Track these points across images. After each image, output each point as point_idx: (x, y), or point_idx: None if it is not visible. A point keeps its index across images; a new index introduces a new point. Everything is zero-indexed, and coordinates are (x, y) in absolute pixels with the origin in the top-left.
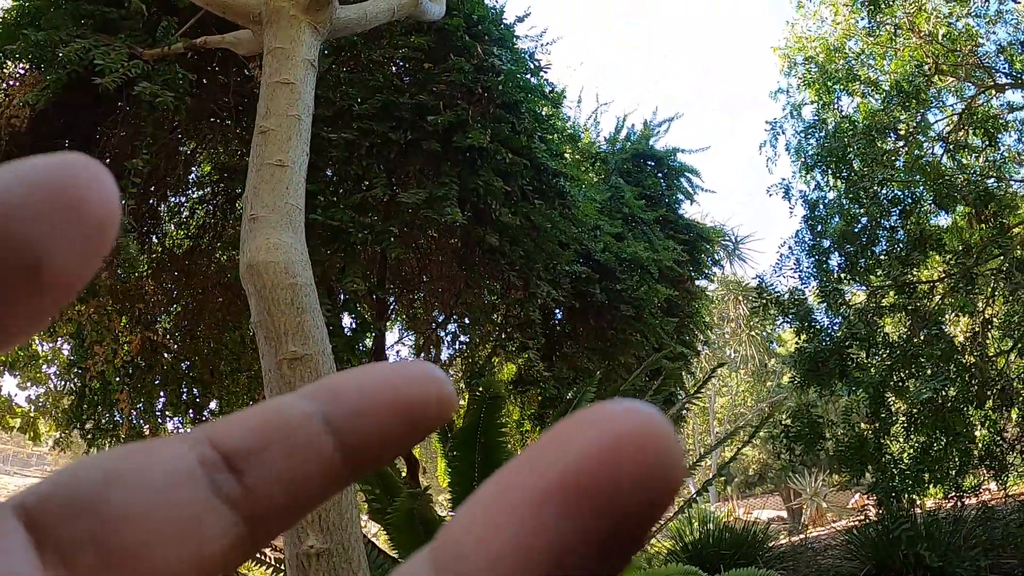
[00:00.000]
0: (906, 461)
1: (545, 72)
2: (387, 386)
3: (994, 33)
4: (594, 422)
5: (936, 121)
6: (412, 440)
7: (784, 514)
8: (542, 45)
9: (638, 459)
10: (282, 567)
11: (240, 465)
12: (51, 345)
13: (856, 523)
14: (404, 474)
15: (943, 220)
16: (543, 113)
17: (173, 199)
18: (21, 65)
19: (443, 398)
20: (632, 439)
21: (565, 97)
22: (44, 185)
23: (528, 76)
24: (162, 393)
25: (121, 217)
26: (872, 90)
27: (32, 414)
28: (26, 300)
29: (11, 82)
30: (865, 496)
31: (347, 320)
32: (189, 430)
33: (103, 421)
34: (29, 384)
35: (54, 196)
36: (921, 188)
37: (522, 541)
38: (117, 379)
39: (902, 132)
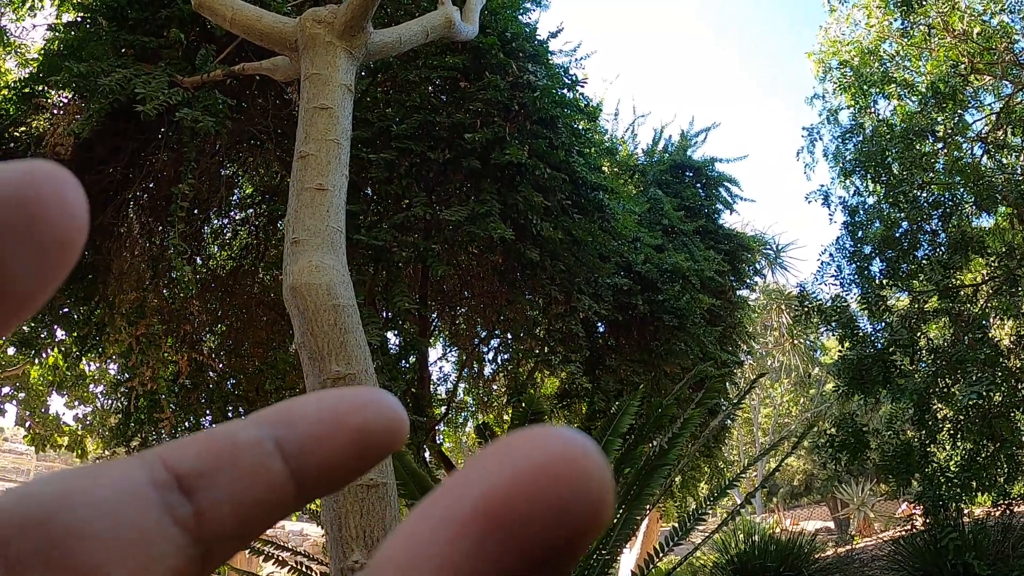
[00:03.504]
0: (953, 469)
1: (581, 86)
2: (338, 412)
3: None
4: (516, 449)
5: (974, 121)
6: (363, 466)
7: (831, 524)
8: (576, 60)
9: (555, 489)
10: None
11: (192, 487)
12: (98, 365)
13: (903, 533)
14: None
15: (985, 222)
16: (580, 127)
17: (216, 221)
18: (64, 95)
19: (394, 425)
20: (551, 468)
21: (601, 110)
22: (3, 198)
23: (564, 91)
24: (208, 412)
25: (173, 241)
26: (908, 92)
27: (80, 432)
28: None
29: (55, 111)
30: (912, 505)
31: (391, 338)
32: (143, 451)
33: (149, 439)
34: (77, 403)
35: (14, 210)
36: (961, 190)
37: (441, 573)
38: (163, 398)
39: (940, 134)
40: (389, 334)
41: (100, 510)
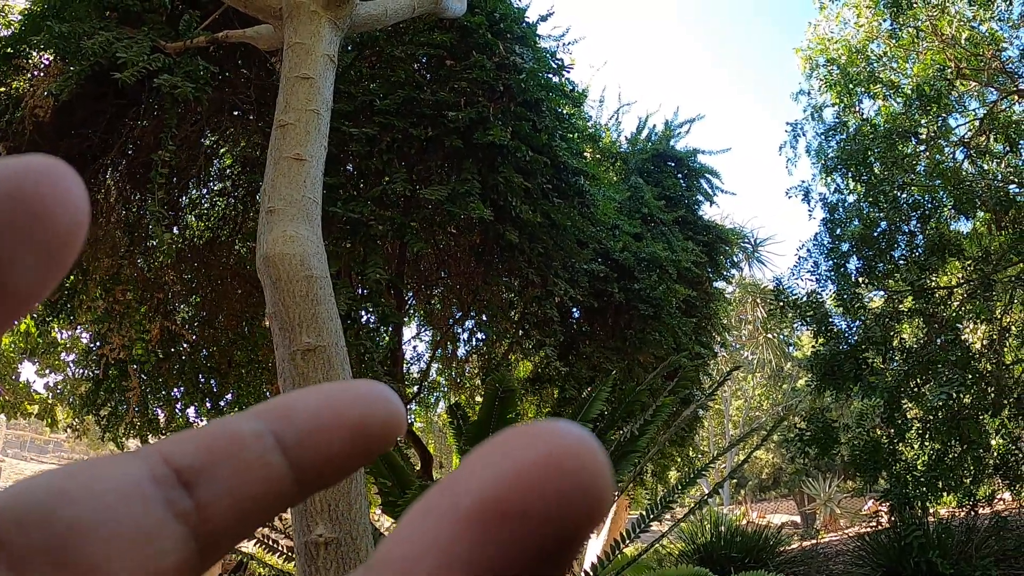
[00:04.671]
0: (920, 468)
1: (567, 71)
2: (337, 406)
3: (1018, 38)
4: (517, 443)
5: (958, 126)
6: (361, 460)
7: (797, 519)
8: (564, 44)
9: (556, 483)
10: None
11: (191, 481)
12: (70, 333)
13: (868, 529)
14: (418, 468)
15: (963, 226)
16: (564, 112)
17: (195, 191)
18: (46, 56)
19: (392, 418)
20: (552, 462)
21: (587, 96)
22: (3, 195)
23: (550, 75)
24: (179, 383)
25: (152, 207)
26: (894, 93)
27: (50, 401)
28: None
29: (35, 72)
30: (878, 502)
31: (364, 316)
32: (144, 443)
33: (120, 409)
34: (48, 371)
35: (14, 207)
36: (941, 193)
37: (442, 570)
38: (134, 367)
39: (923, 136)
40: (363, 312)
41: (101, 506)
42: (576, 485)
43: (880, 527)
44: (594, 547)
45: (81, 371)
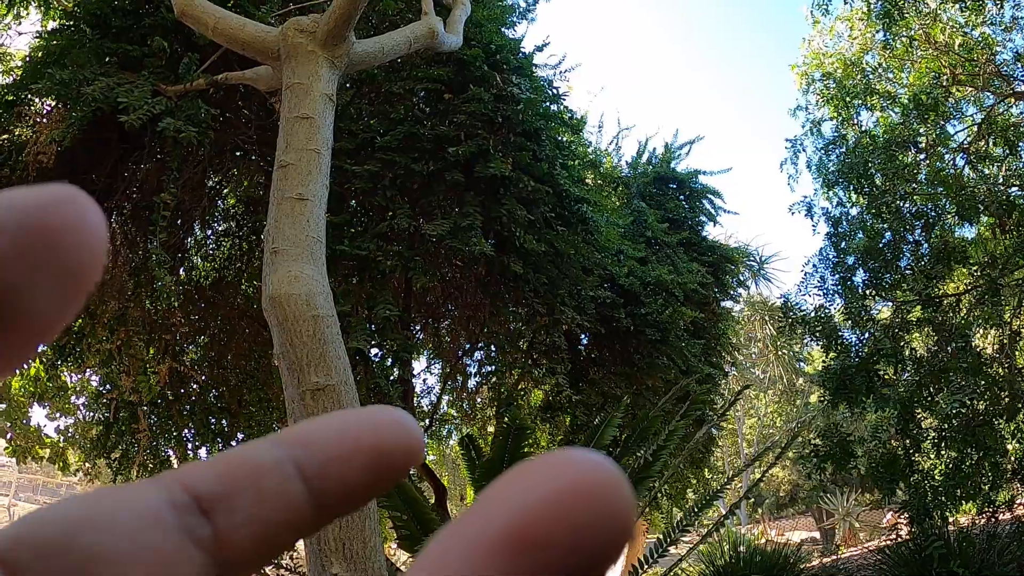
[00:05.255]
0: (938, 477)
1: (565, 99)
2: (355, 433)
3: (1010, 40)
4: (542, 472)
5: (956, 132)
6: (381, 487)
7: (816, 535)
8: (561, 72)
9: (582, 511)
10: None
11: (211, 509)
12: (80, 376)
13: (889, 542)
14: (432, 501)
15: (967, 232)
16: (564, 140)
17: (199, 232)
18: (47, 103)
19: (410, 444)
20: (576, 490)
21: (585, 123)
22: (23, 225)
23: (548, 104)
24: (190, 424)
25: (155, 251)
26: (891, 104)
27: (61, 444)
28: (0, 343)
29: (38, 119)
30: (897, 514)
31: (374, 351)
32: (161, 473)
33: (131, 451)
34: (58, 415)
35: (32, 235)
36: (944, 200)
37: None
38: (142, 409)
39: (922, 145)
40: (371, 347)
41: (120, 533)
42: (601, 513)
43: (900, 539)
44: (613, 574)
45: (91, 414)
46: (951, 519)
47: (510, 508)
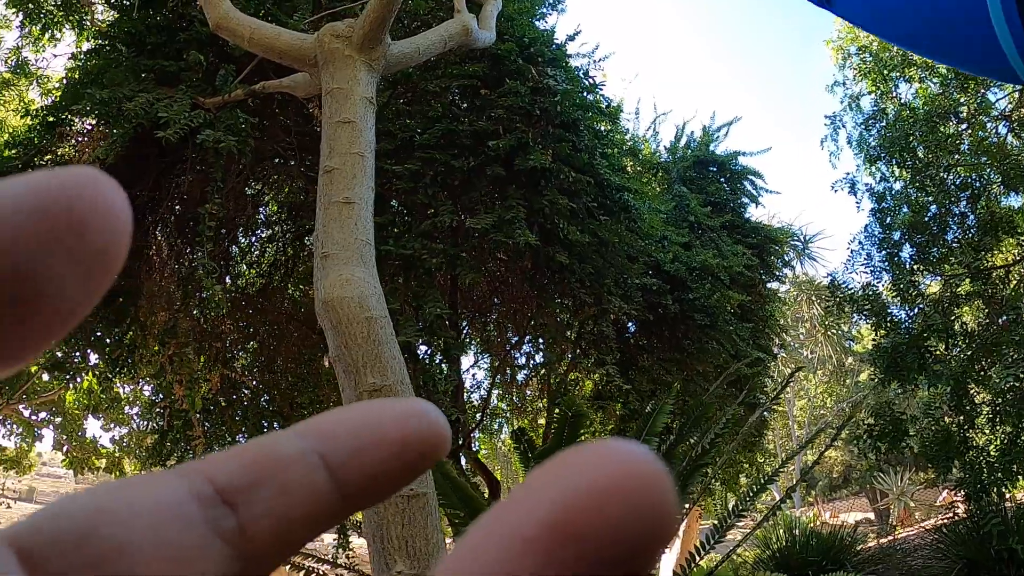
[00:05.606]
0: (993, 453)
1: (601, 88)
2: (381, 424)
3: None
4: (579, 464)
5: (997, 100)
6: (406, 478)
7: (871, 516)
8: (595, 61)
9: (621, 504)
10: None
11: (235, 500)
12: (132, 387)
13: (945, 521)
14: (487, 495)
15: (1014, 201)
16: (602, 129)
17: (244, 240)
18: (88, 122)
19: (437, 436)
20: (616, 482)
21: (622, 110)
22: (45, 209)
23: (584, 94)
24: (243, 429)
25: (202, 260)
26: (929, 74)
27: (117, 454)
28: (24, 328)
29: (79, 138)
30: (953, 492)
31: (423, 348)
32: (183, 464)
33: (186, 458)
34: (113, 425)
35: (56, 221)
36: (988, 170)
37: None
38: (196, 416)
39: (964, 115)
40: (421, 345)
41: (141, 524)
42: (640, 506)
43: (957, 518)
44: (668, 562)
45: (146, 423)
46: (1008, 495)
47: (545, 503)
